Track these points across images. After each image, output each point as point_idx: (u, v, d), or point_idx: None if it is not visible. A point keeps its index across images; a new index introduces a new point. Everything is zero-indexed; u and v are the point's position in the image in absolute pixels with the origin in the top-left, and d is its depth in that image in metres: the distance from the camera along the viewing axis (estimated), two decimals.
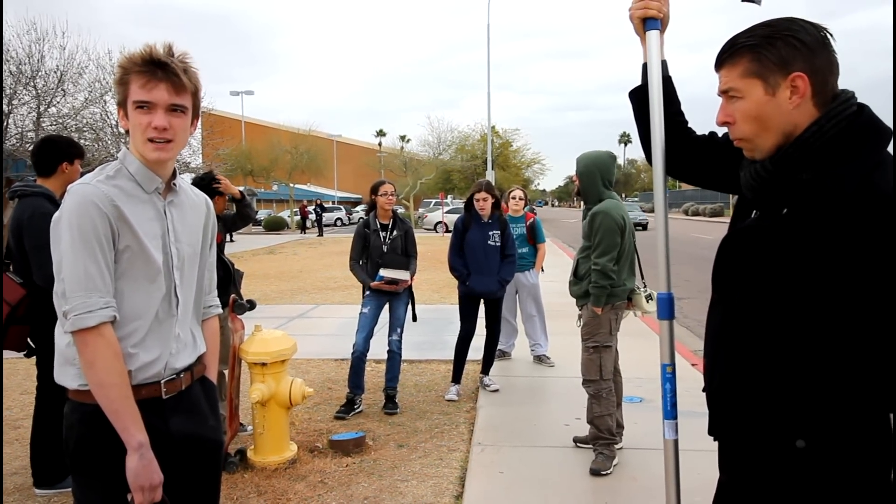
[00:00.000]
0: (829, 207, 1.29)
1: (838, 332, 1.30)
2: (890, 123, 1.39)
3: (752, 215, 1.49)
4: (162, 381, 1.71)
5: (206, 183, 3.83)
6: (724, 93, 1.47)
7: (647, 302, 3.95)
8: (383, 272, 4.81)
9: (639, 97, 1.84)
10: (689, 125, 1.84)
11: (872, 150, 1.33)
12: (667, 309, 1.76)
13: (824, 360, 1.32)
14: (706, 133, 1.80)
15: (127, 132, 1.72)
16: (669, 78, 1.82)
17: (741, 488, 1.49)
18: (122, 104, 1.68)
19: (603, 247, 3.77)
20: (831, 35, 1.39)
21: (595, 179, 3.88)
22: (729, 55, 1.45)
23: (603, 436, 3.83)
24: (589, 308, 3.87)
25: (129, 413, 1.59)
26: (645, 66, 1.81)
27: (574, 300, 4.05)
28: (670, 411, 1.74)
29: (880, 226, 1.24)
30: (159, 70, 1.63)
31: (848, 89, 1.41)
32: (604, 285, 3.77)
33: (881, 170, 1.29)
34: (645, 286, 4.04)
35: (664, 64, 1.81)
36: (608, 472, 3.72)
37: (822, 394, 1.33)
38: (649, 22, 1.77)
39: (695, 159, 1.79)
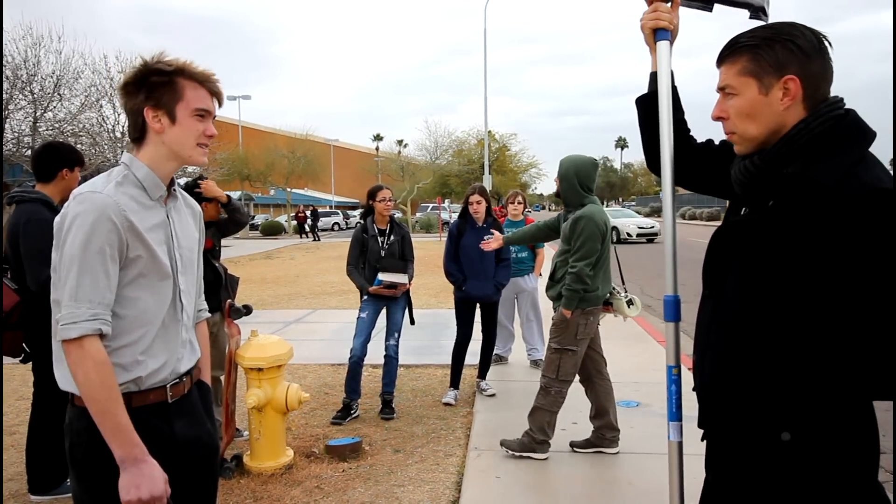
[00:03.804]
0: (812, 198, 1.33)
1: (823, 322, 1.32)
2: (888, 125, 1.41)
3: (742, 212, 1.53)
4: (168, 386, 1.72)
5: (189, 189, 3.83)
6: (721, 89, 1.53)
7: (629, 307, 3.97)
8: (381, 276, 4.82)
9: (645, 104, 1.90)
10: (691, 132, 1.90)
11: (855, 147, 1.38)
12: (673, 311, 1.80)
13: (810, 351, 1.34)
14: (703, 140, 1.85)
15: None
16: (675, 87, 1.87)
17: (727, 485, 1.50)
18: (164, 106, 1.67)
19: (583, 251, 3.79)
20: (829, 43, 1.44)
21: (573, 183, 3.91)
22: (729, 53, 1.51)
23: (533, 432, 3.91)
24: (559, 310, 3.89)
25: (108, 427, 1.54)
26: (653, 75, 1.86)
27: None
28: (675, 413, 1.74)
29: (862, 217, 1.27)
30: (211, 83, 1.74)
31: (837, 95, 1.46)
32: (577, 289, 3.79)
33: (864, 165, 1.34)
34: (626, 291, 4.05)
35: (671, 74, 1.85)
36: (514, 454, 3.88)
37: (807, 386, 1.35)
38: (660, 33, 1.82)
39: (693, 165, 1.84)
